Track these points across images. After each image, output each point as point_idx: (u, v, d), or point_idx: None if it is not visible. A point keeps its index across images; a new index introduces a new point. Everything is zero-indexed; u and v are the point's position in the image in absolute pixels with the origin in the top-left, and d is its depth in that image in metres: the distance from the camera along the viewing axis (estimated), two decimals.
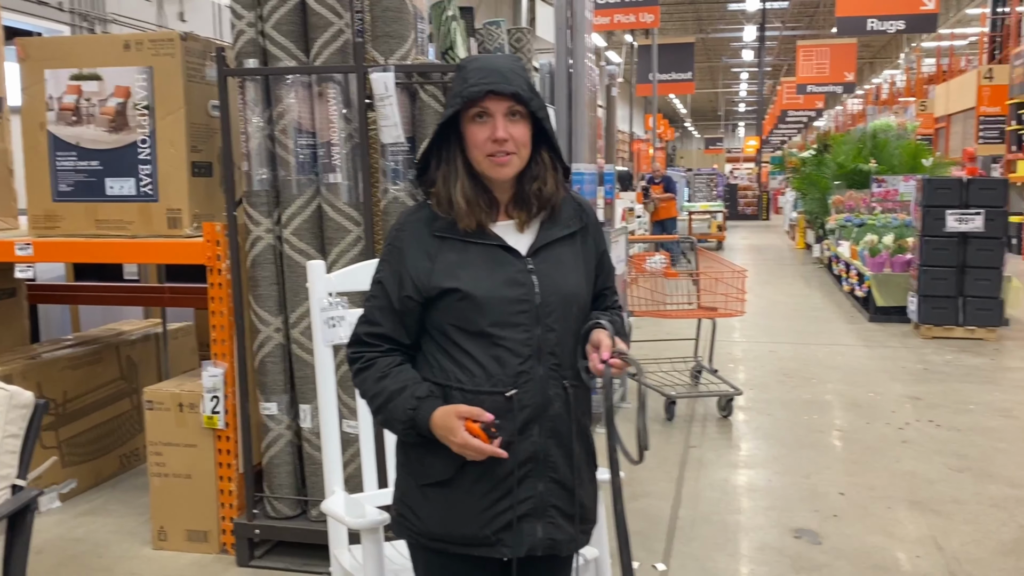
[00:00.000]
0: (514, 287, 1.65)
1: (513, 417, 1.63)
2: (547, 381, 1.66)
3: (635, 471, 4.26)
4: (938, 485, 4.07)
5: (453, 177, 1.67)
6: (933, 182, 7.70)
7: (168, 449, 3.40)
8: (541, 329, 1.66)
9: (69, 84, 3.47)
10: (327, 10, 3.06)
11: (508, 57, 1.70)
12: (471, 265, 1.65)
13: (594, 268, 1.80)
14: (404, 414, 1.64)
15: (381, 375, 1.68)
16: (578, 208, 1.79)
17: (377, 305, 1.72)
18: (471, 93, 1.61)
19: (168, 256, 3.44)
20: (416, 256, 1.68)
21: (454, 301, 1.64)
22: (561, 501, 1.69)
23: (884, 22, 16.30)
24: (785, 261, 14.69)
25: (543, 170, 1.70)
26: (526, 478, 1.65)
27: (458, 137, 1.68)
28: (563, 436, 1.69)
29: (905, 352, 7.06)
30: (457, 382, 1.65)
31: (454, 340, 1.66)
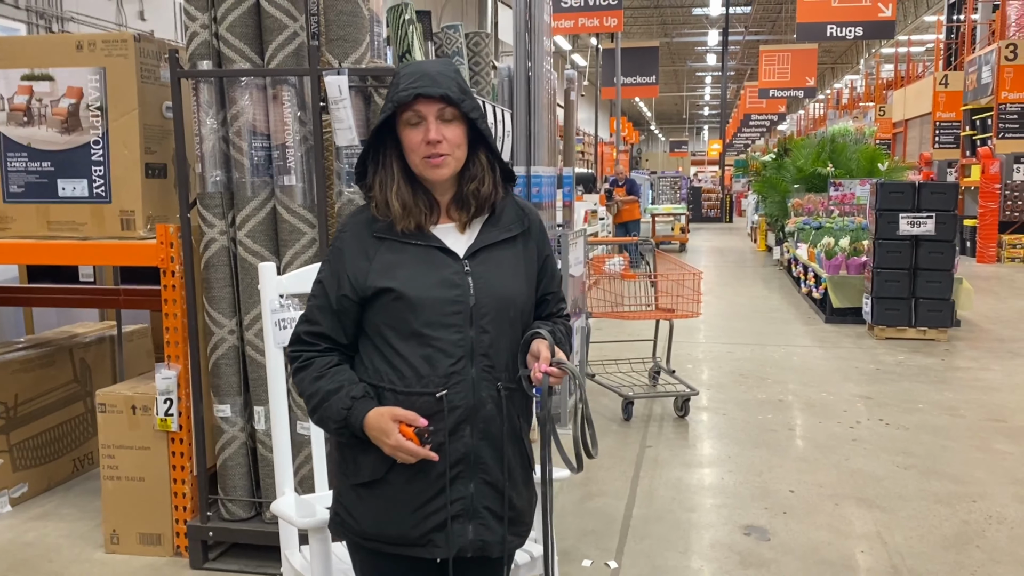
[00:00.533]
0: (448, 288, 1.68)
1: (444, 418, 1.66)
2: (479, 383, 1.69)
3: (591, 471, 4.32)
4: (885, 482, 4.17)
5: (389, 181, 1.71)
6: (886, 186, 7.87)
7: (121, 452, 3.38)
8: (475, 331, 1.68)
9: (20, 84, 3.44)
10: (281, 13, 3.07)
11: (440, 61, 1.73)
12: (407, 265, 1.68)
13: (536, 272, 1.83)
14: (338, 413, 1.66)
15: (318, 375, 1.71)
16: (520, 212, 1.82)
17: (317, 304, 1.75)
18: (401, 97, 1.64)
19: (121, 258, 3.42)
20: (355, 256, 1.71)
21: (388, 301, 1.67)
22: (492, 503, 1.72)
23: (843, 28, 16.61)
24: (746, 263, 14.88)
25: (480, 170, 1.74)
26: (457, 479, 1.68)
27: (394, 142, 1.71)
28: (495, 438, 1.71)
29: (859, 353, 7.21)
30: (389, 383, 1.68)
31: (388, 341, 1.69)
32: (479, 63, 4.39)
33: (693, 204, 27.96)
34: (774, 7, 30.60)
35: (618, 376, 5.86)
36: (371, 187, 1.74)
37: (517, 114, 5.00)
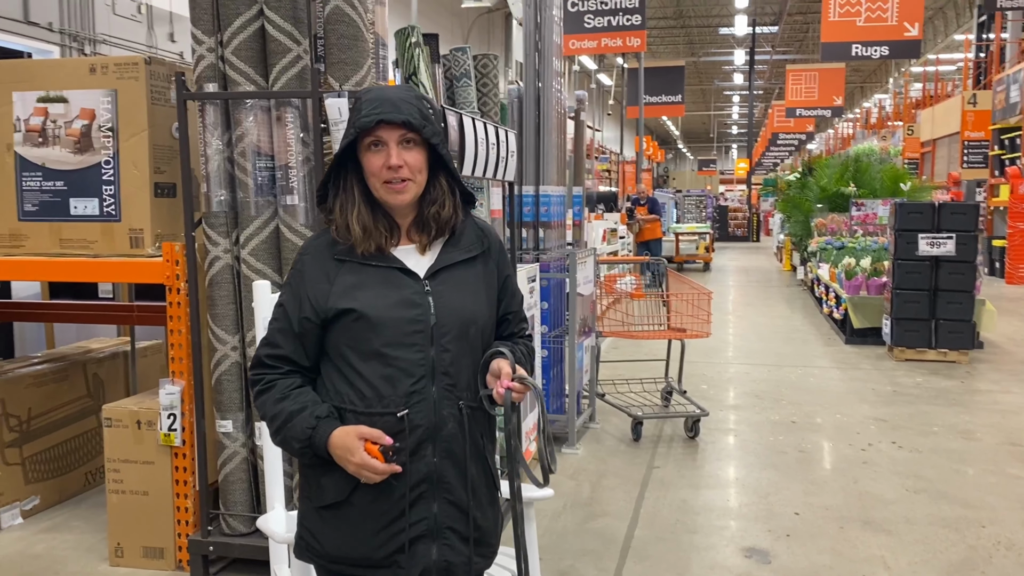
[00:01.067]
0: (409, 308, 1.70)
1: (405, 437, 1.67)
2: (441, 401, 1.70)
3: (596, 491, 4.32)
4: (893, 505, 4.12)
5: (350, 205, 1.73)
6: (905, 206, 7.80)
7: (126, 466, 3.44)
8: (436, 350, 1.70)
9: (36, 106, 3.54)
10: (285, 36, 3.14)
11: (401, 87, 1.76)
12: (368, 287, 1.70)
13: (497, 292, 1.85)
14: (302, 433, 1.67)
15: (281, 396, 1.72)
16: (480, 232, 1.85)
17: (278, 327, 1.76)
18: (363, 123, 1.67)
19: (129, 275, 3.49)
20: (316, 278, 1.73)
21: (349, 322, 1.69)
22: (456, 523, 1.73)
23: (869, 48, 16.49)
24: (771, 283, 14.79)
25: (441, 194, 1.76)
26: (420, 499, 1.69)
27: (355, 166, 1.74)
28: (458, 457, 1.72)
29: (877, 374, 7.12)
30: (351, 403, 1.69)
31: (349, 361, 1.70)
32: (487, 84, 4.44)
33: (719, 223, 27.88)
34: (801, 27, 30.50)
35: (629, 396, 5.85)
36: (331, 210, 1.76)
37: (526, 133, 5.06)
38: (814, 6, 25.74)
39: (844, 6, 16.41)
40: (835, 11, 16.34)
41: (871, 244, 10.24)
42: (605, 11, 15.00)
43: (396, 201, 1.72)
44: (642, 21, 15.42)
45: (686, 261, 17.44)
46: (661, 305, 5.82)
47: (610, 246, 11.51)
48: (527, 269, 4.50)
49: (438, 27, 18.32)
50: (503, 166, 3.96)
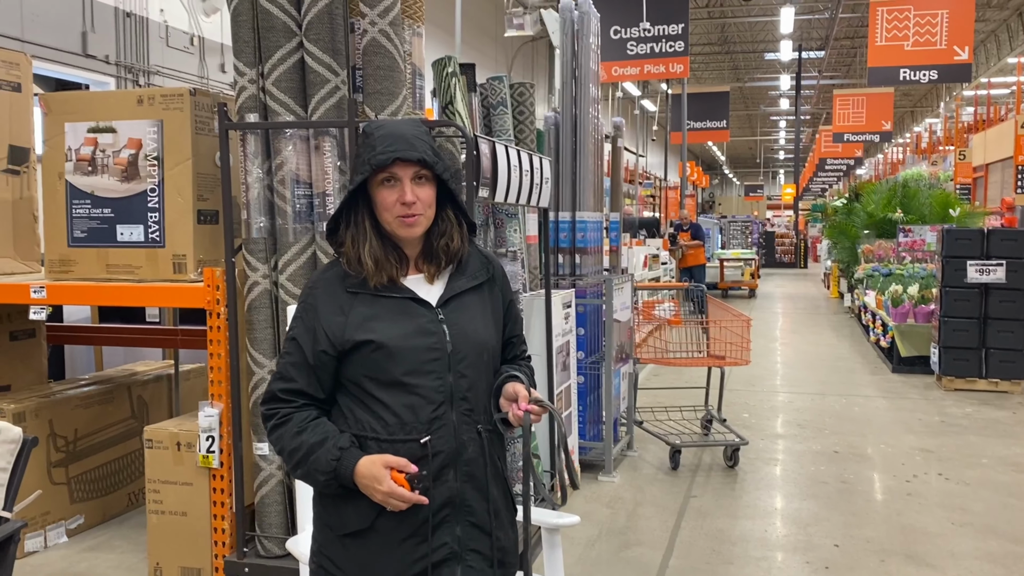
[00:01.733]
0: (426, 336, 1.72)
1: (428, 463, 1.69)
2: (460, 426, 1.73)
3: (632, 519, 4.29)
4: (937, 539, 4.01)
5: (362, 238, 1.75)
6: (953, 232, 7.65)
7: (166, 487, 3.51)
8: (453, 376, 1.73)
9: (87, 136, 3.67)
10: (324, 68, 3.22)
11: (412, 123, 1.79)
12: (383, 317, 1.73)
13: (502, 317, 1.89)
14: (327, 465, 1.67)
15: (299, 429, 1.72)
16: (485, 261, 1.89)
17: (291, 361, 1.77)
18: (379, 161, 1.69)
19: (171, 300, 3.59)
20: (329, 311, 1.74)
21: (368, 352, 1.71)
22: (480, 545, 1.74)
23: (917, 72, 16.28)
24: (818, 310, 14.57)
25: (449, 227, 1.80)
26: (443, 523, 1.70)
27: (365, 199, 1.77)
28: (479, 480, 1.74)
29: (924, 404, 6.96)
30: (372, 431, 1.71)
31: (368, 391, 1.72)
32: (523, 112, 4.49)
33: (766, 249, 27.58)
34: (848, 51, 30.22)
35: (668, 424, 5.80)
36: (342, 243, 1.78)
37: (563, 160, 5.09)
38: (861, 31, 25.53)
39: (892, 31, 16.24)
40: (882, 36, 16.18)
41: (919, 271, 10.05)
42: (648, 38, 15.04)
43: (408, 234, 1.75)
44: (685, 47, 15.43)
45: (731, 288, 17.28)
46: (701, 332, 5.78)
47: (652, 272, 11.46)
48: (562, 295, 4.51)
49: (482, 55, 18.55)
50: (537, 192, 3.99)
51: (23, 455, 2.38)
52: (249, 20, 3.28)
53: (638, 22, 15.03)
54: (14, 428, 2.36)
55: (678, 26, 15.06)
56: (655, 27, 15.03)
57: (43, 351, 4.51)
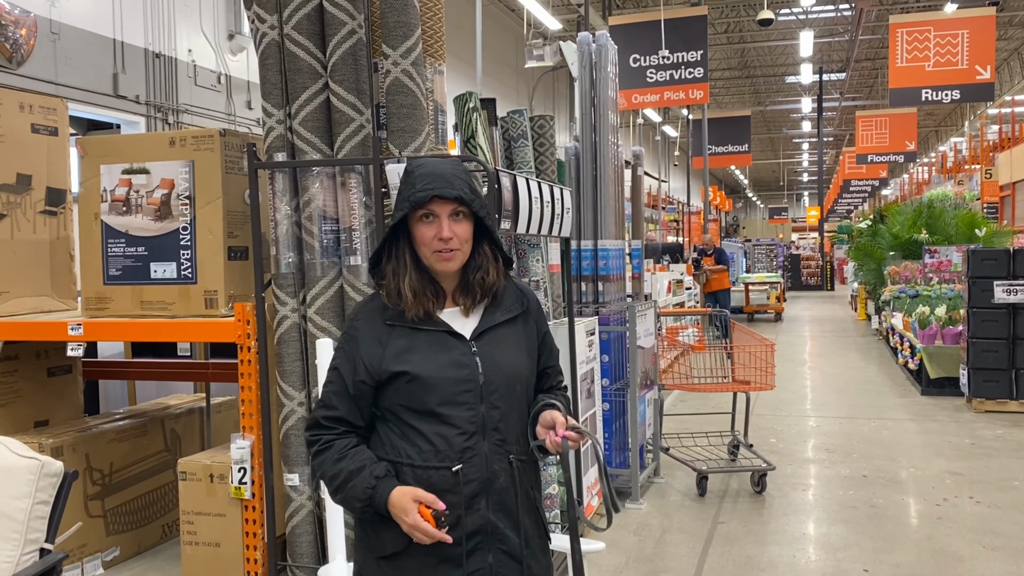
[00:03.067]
0: (459, 368, 1.79)
1: (460, 491, 1.75)
2: (492, 456, 1.78)
3: (660, 546, 4.29)
4: (968, 563, 3.98)
5: (402, 271, 1.82)
6: (979, 253, 7.61)
7: (199, 518, 3.58)
8: (485, 407, 1.79)
9: (121, 177, 3.80)
10: (349, 107, 3.32)
11: (451, 162, 1.87)
12: (419, 350, 1.79)
13: (536, 348, 1.94)
14: (363, 492, 1.74)
15: (339, 456, 1.80)
16: (520, 294, 1.95)
17: (333, 390, 1.85)
18: (418, 198, 1.77)
19: (203, 335, 3.68)
20: (369, 343, 1.82)
21: (403, 383, 1.78)
22: (511, 572, 1.79)
23: (939, 92, 16.25)
24: (846, 333, 14.47)
25: (485, 261, 1.86)
26: (476, 550, 1.76)
27: (406, 234, 1.84)
28: (510, 509, 1.80)
29: (954, 426, 6.90)
30: (407, 458, 1.77)
31: (404, 420, 1.79)
32: (543, 144, 4.57)
33: (792, 272, 27.44)
34: (870, 72, 30.20)
35: (695, 450, 5.80)
36: (383, 276, 1.86)
37: (584, 188, 5.16)
38: (882, 51, 25.51)
39: (912, 52, 16.24)
40: (903, 57, 16.19)
41: (946, 292, 9.98)
42: (667, 65, 15.15)
43: (444, 268, 1.82)
44: (704, 74, 15.53)
45: (757, 311, 17.21)
46: (725, 357, 5.79)
47: (676, 297, 11.47)
48: (585, 323, 4.55)
49: (503, 86, 18.76)
50: (558, 223, 4.06)
51: (64, 489, 2.46)
52: (276, 63, 3.40)
53: (657, 50, 15.15)
54: (55, 462, 2.44)
55: (697, 53, 15.16)
56: (674, 54, 15.14)
57: (79, 386, 4.62)
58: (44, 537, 2.40)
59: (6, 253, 4.05)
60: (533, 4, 15.16)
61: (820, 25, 23.67)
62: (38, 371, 4.27)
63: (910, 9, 21.90)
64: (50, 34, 9.43)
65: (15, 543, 2.32)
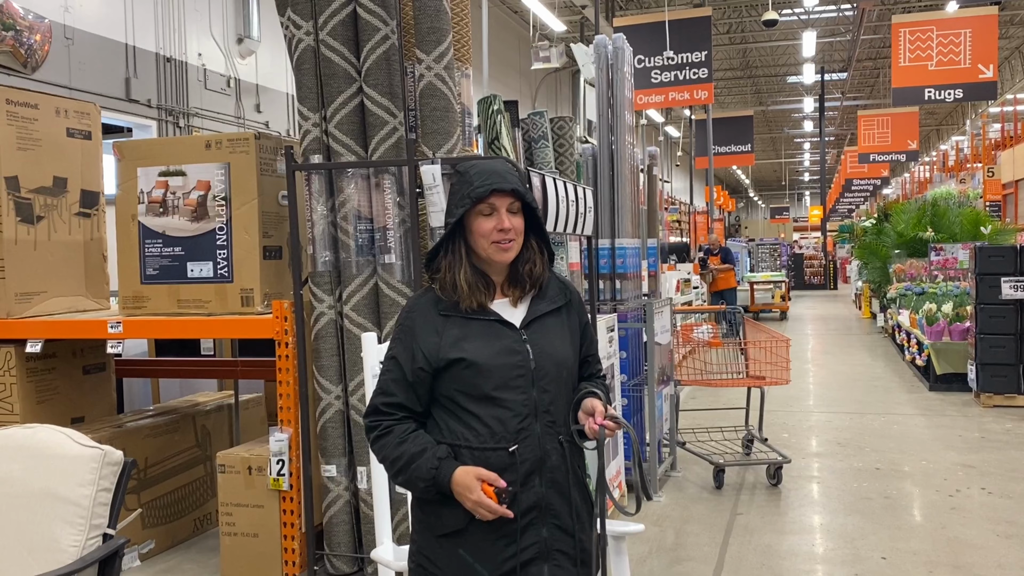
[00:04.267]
0: (512, 355, 1.91)
1: (516, 469, 1.86)
2: (544, 436, 1.90)
3: (680, 536, 4.40)
4: (984, 551, 4.09)
5: (457, 265, 1.94)
6: (986, 250, 7.73)
7: (238, 509, 3.69)
8: (536, 391, 1.91)
9: (158, 180, 3.91)
10: (383, 111, 3.44)
11: (502, 160, 2.01)
12: (473, 338, 1.91)
13: (579, 337, 2.06)
14: (427, 472, 1.85)
15: (400, 440, 1.90)
16: (562, 287, 2.07)
17: (391, 378, 1.95)
18: (478, 193, 1.89)
19: (241, 331, 3.79)
20: (426, 333, 1.93)
21: (460, 370, 1.89)
22: (565, 545, 1.91)
23: (942, 91, 16.35)
24: (851, 331, 14.57)
25: (533, 254, 1.98)
26: (531, 525, 1.88)
27: (460, 231, 1.95)
28: (562, 485, 1.92)
29: (963, 421, 7.01)
30: (465, 441, 1.89)
31: (461, 404, 1.90)
32: (563, 144, 4.68)
33: (795, 271, 27.52)
34: (871, 72, 30.31)
35: (710, 444, 5.90)
36: (438, 269, 1.97)
37: (601, 188, 5.27)
38: (883, 51, 25.62)
39: (915, 51, 16.34)
40: (905, 56, 16.28)
41: (952, 289, 10.09)
42: (672, 66, 15.25)
43: (502, 259, 1.93)
44: (709, 74, 15.63)
45: (762, 310, 17.30)
46: (739, 353, 5.90)
47: (684, 296, 11.58)
48: (605, 320, 4.66)
49: (507, 87, 18.88)
50: (582, 221, 4.17)
51: (124, 476, 2.57)
52: (312, 68, 3.51)
53: (662, 51, 15.24)
54: (116, 451, 2.55)
55: (701, 53, 15.25)
56: (679, 55, 15.23)
57: (112, 384, 4.73)
58: (107, 523, 2.50)
59: (44, 254, 4.16)
60: (538, 6, 15.27)
61: (822, 25, 23.78)
62: (74, 369, 4.38)
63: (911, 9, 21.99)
64: (64, 39, 9.55)
65: (81, 528, 2.42)
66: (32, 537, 2.40)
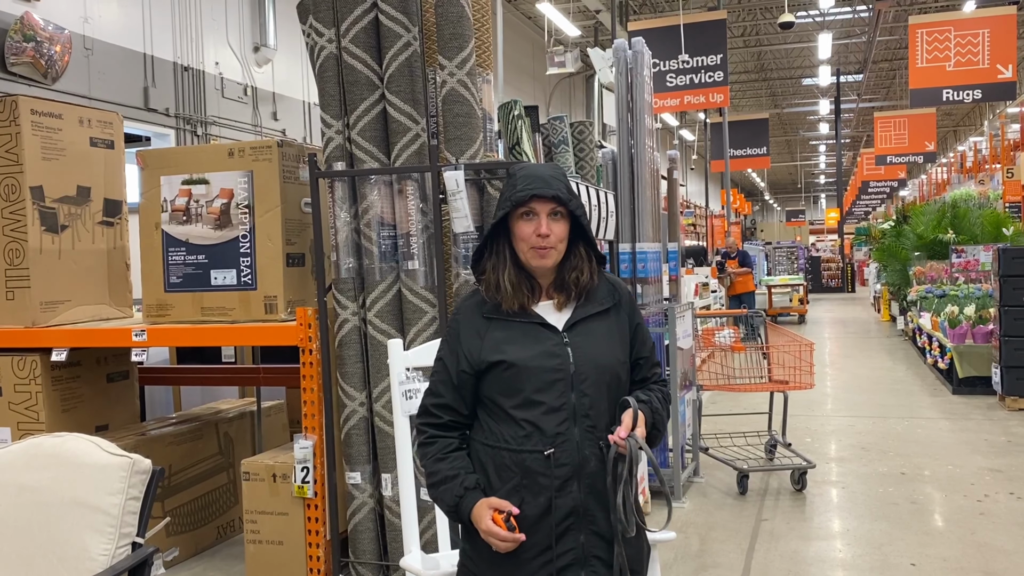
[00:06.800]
0: (551, 358, 1.90)
1: (551, 473, 1.86)
2: (583, 441, 1.89)
3: (705, 543, 4.36)
4: (1015, 556, 4.03)
5: (501, 266, 1.96)
6: (1009, 251, 7.65)
7: (262, 517, 3.69)
8: (576, 395, 1.90)
9: (181, 188, 3.92)
10: (405, 117, 3.43)
11: (550, 165, 2.00)
12: (514, 340, 1.92)
13: (629, 339, 2.03)
14: (452, 499, 1.91)
15: (440, 457, 1.95)
16: (611, 288, 2.05)
17: (440, 379, 2.00)
18: (519, 198, 1.90)
19: (265, 339, 3.79)
20: (469, 336, 1.96)
21: (500, 372, 1.91)
22: (602, 552, 1.90)
23: (960, 92, 16.21)
24: (870, 334, 14.46)
25: (580, 261, 1.98)
26: (568, 531, 1.87)
27: (506, 232, 1.97)
28: (601, 492, 1.90)
29: (988, 424, 6.93)
30: (505, 443, 1.90)
31: (501, 406, 1.92)
32: (583, 149, 4.67)
33: (812, 274, 27.36)
34: (887, 73, 30.14)
35: (733, 450, 5.85)
36: (483, 271, 1.99)
37: (621, 192, 5.25)
38: (900, 52, 25.48)
39: (932, 52, 16.21)
40: (923, 57, 16.16)
41: (975, 291, 9.99)
42: (687, 69, 15.21)
43: (540, 264, 1.94)
44: (724, 77, 15.58)
45: (780, 314, 17.20)
46: (761, 357, 5.85)
47: (702, 300, 11.53)
48: None
49: (521, 93, 18.89)
50: (604, 226, 4.16)
51: (152, 485, 2.57)
52: (335, 76, 3.51)
53: (677, 54, 15.21)
54: (144, 460, 2.55)
55: (717, 56, 15.21)
56: (694, 59, 15.20)
57: (135, 392, 4.75)
58: (136, 531, 2.50)
59: (68, 263, 4.18)
60: (553, 12, 15.28)
61: (838, 27, 23.67)
62: (99, 377, 4.39)
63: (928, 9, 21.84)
64: (83, 49, 9.63)
65: (111, 537, 2.43)
66: (63, 546, 2.40)
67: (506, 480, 1.90)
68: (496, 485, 1.92)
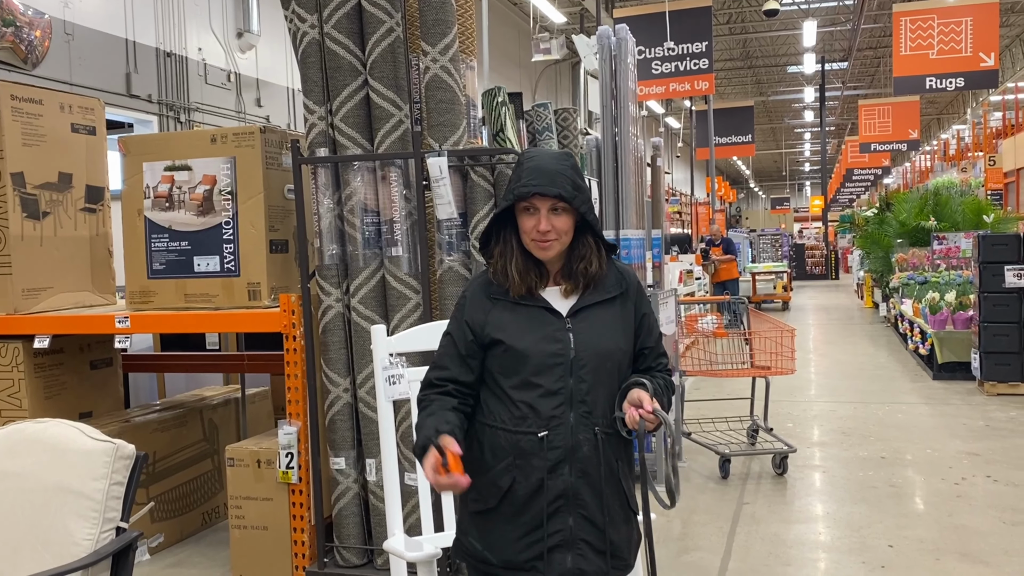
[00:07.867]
0: (551, 343, 1.93)
1: (544, 455, 1.89)
2: (577, 426, 1.91)
3: (688, 527, 4.41)
4: (990, 538, 4.10)
5: (508, 253, 1.98)
6: (989, 238, 7.73)
7: (247, 503, 3.71)
8: (574, 380, 1.92)
9: (163, 174, 3.91)
10: (388, 103, 3.43)
11: (558, 157, 1.96)
12: (517, 323, 1.95)
13: (634, 328, 2.04)
14: (423, 440, 1.89)
15: (431, 412, 1.96)
16: (619, 275, 2.06)
17: (444, 353, 2.03)
18: (521, 193, 1.90)
19: (249, 325, 3.80)
20: (475, 308, 2.00)
21: (500, 352, 1.94)
22: (591, 536, 1.92)
23: (943, 80, 16.30)
24: (853, 320, 14.58)
25: (588, 251, 1.98)
26: (557, 513, 1.90)
27: (513, 219, 1.98)
28: (593, 477, 1.93)
29: (967, 409, 7.02)
30: (501, 422, 1.94)
31: (500, 385, 1.95)
32: (568, 136, 4.68)
33: (796, 261, 27.52)
34: (872, 61, 30.24)
35: (715, 435, 5.91)
36: (492, 255, 2.02)
37: (605, 179, 5.26)
38: (884, 40, 25.56)
39: (916, 40, 16.29)
40: (907, 45, 16.23)
41: (955, 278, 10.08)
42: (672, 57, 15.21)
43: (542, 256, 1.97)
44: (709, 65, 15.60)
45: (764, 301, 17.31)
46: (743, 343, 5.91)
47: (686, 287, 11.58)
48: None
49: (507, 79, 18.85)
50: None
51: (136, 470, 2.58)
52: (317, 62, 3.51)
53: (662, 42, 15.20)
54: (128, 445, 2.56)
55: (702, 44, 15.22)
56: (679, 46, 15.19)
57: (119, 379, 4.74)
58: (120, 516, 2.51)
59: (50, 250, 4.16)
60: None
61: (822, 14, 23.72)
62: (82, 364, 4.39)
63: None
64: (64, 35, 9.53)
65: (94, 522, 2.43)
66: (46, 531, 2.41)
67: (500, 459, 1.93)
68: (490, 463, 1.95)
